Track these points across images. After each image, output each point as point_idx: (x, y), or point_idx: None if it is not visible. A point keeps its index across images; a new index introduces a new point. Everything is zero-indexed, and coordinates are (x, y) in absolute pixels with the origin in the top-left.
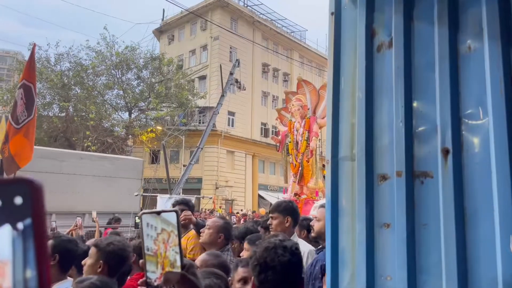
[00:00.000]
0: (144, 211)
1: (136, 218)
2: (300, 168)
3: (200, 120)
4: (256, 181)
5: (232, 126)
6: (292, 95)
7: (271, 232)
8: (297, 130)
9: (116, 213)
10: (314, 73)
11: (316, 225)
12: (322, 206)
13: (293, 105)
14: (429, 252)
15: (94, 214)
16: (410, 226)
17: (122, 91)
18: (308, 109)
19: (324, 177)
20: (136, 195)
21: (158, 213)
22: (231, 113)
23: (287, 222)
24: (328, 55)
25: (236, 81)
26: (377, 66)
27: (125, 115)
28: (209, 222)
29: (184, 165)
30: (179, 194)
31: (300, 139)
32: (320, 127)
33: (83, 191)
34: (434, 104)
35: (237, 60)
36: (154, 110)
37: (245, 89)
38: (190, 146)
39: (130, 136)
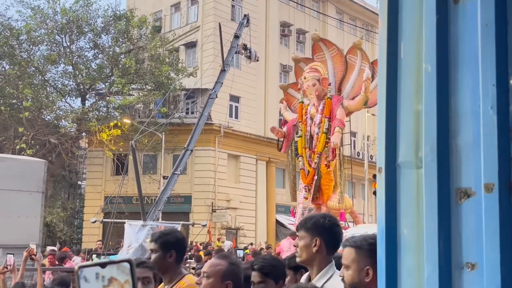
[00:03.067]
0: (80, 264)
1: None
2: (315, 177)
3: (188, 109)
4: (272, 200)
5: (237, 117)
6: (304, 62)
7: (297, 259)
8: (311, 118)
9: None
10: (359, 35)
11: (346, 275)
12: (353, 245)
13: (305, 78)
14: None
15: (33, 247)
16: (507, 266)
17: (71, 67)
18: (330, 84)
19: (374, 193)
20: (93, 222)
21: (103, 265)
22: (235, 99)
23: (314, 245)
24: (379, 8)
25: (245, 47)
26: (455, 23)
27: (77, 103)
28: (206, 267)
29: (164, 177)
30: (158, 220)
31: (316, 132)
32: (348, 113)
33: None
34: None
35: (245, 16)
36: (119, 95)
37: (258, 60)
38: (173, 148)
39: (83, 133)
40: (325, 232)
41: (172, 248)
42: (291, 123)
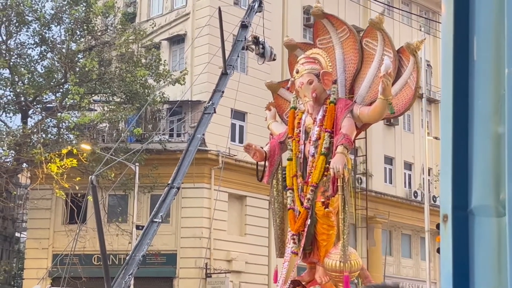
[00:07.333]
0: None
1: None
2: (308, 221)
3: (172, 131)
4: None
5: (241, 142)
6: (302, 49)
7: None
8: (306, 133)
9: None
10: (413, 25)
11: None
12: None
13: (297, 72)
14: None
15: None
16: None
17: (8, 70)
18: (335, 82)
19: (439, 250)
20: None
21: None
22: (239, 115)
23: None
24: None
25: (256, 41)
26: None
27: (16, 121)
28: None
29: (139, 227)
30: None
31: (312, 152)
32: (363, 126)
33: None
34: None
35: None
36: (75, 110)
37: (275, 59)
38: (151, 186)
39: (24, 164)
40: None
41: None
42: (277, 139)
